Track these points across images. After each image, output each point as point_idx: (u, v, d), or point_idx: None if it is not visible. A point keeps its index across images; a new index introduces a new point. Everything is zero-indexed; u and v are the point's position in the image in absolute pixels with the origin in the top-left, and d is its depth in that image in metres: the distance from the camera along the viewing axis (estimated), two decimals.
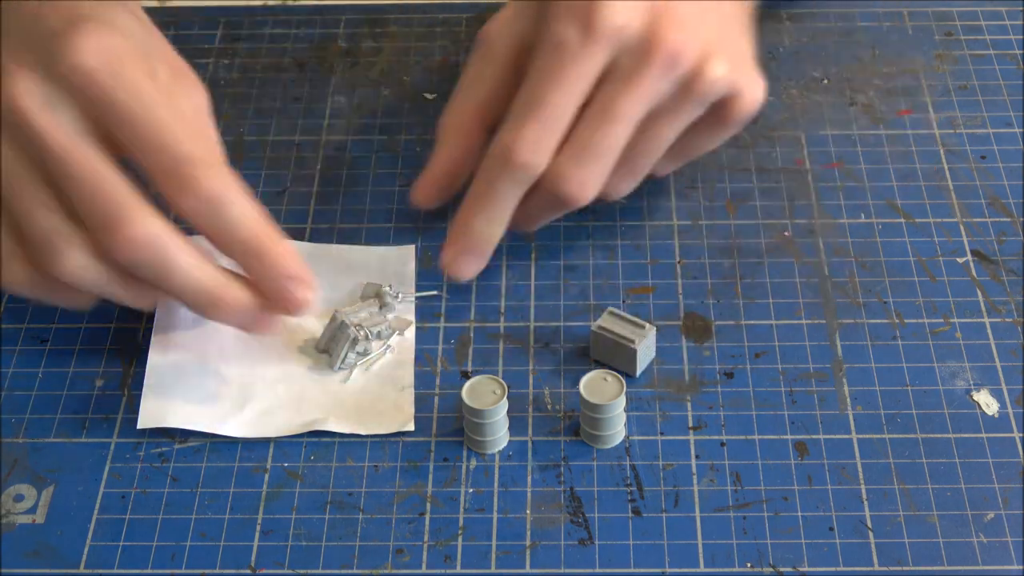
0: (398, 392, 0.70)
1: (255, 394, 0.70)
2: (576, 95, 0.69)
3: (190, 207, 0.65)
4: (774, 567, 0.63)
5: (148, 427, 0.69)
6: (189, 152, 0.65)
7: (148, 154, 0.65)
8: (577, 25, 0.68)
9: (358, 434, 0.69)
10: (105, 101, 0.65)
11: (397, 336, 0.72)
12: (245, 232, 0.66)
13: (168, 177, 0.65)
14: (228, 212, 0.65)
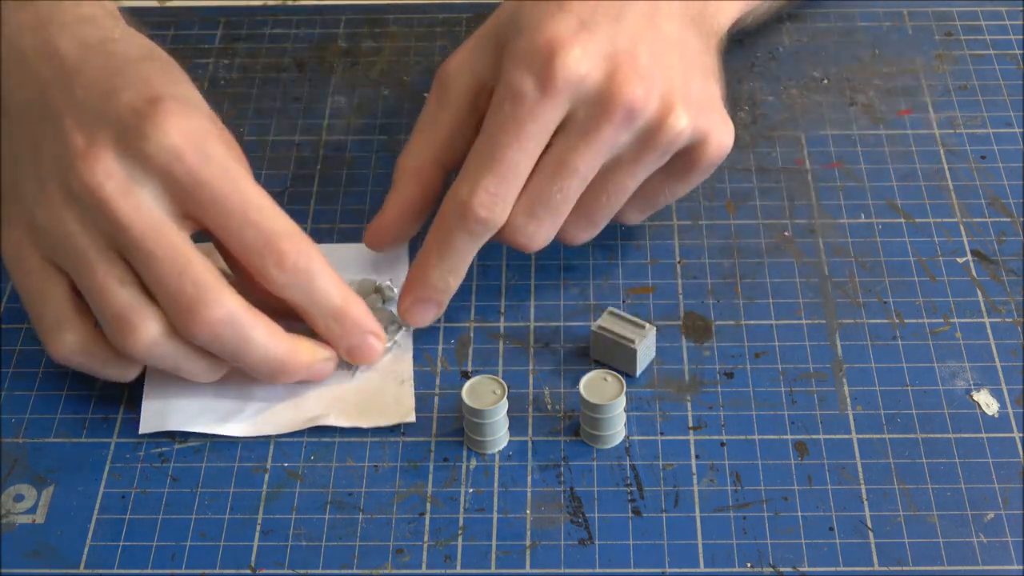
0: (398, 385, 0.70)
1: (254, 393, 0.70)
2: (533, 148, 0.68)
3: (282, 281, 0.66)
4: (774, 567, 0.63)
5: (150, 431, 0.69)
6: (278, 228, 0.66)
7: (237, 232, 0.66)
8: (535, 76, 0.67)
9: (359, 427, 0.69)
10: (194, 182, 0.65)
11: (403, 331, 0.73)
12: (331, 301, 0.67)
13: (260, 254, 0.66)
14: (315, 284, 0.67)
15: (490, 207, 0.68)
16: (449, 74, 0.72)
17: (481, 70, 0.71)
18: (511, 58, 0.68)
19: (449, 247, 0.69)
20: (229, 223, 0.66)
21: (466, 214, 0.68)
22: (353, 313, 0.68)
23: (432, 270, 0.70)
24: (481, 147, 0.68)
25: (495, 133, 0.68)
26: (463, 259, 0.70)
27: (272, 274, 0.66)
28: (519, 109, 0.67)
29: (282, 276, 0.66)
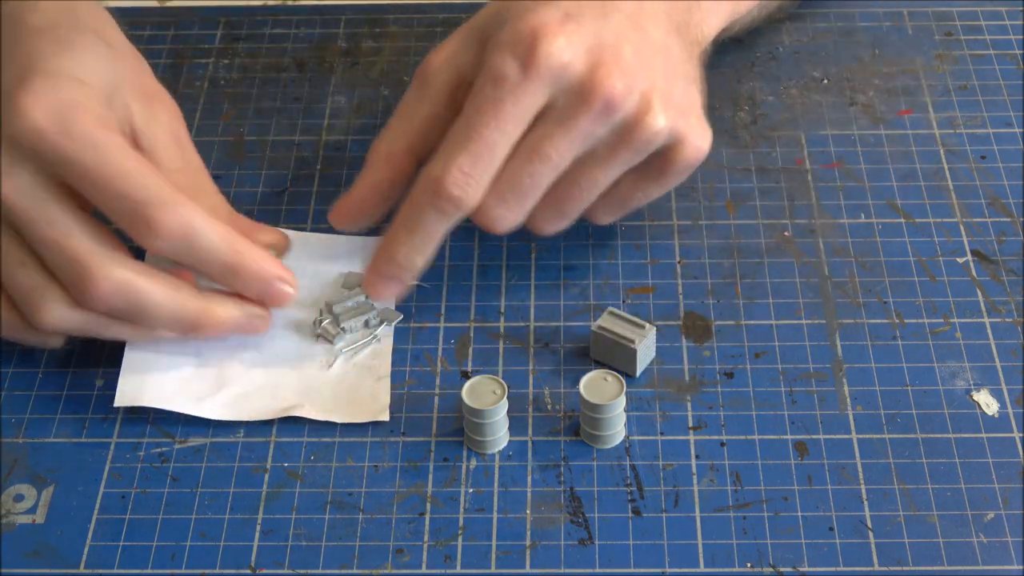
0: (374, 382, 0.70)
1: (232, 377, 0.70)
2: (511, 131, 0.68)
3: (160, 247, 0.67)
4: (774, 567, 0.63)
5: (124, 406, 0.69)
6: (146, 196, 0.66)
7: (108, 203, 0.66)
8: (518, 60, 0.67)
9: (333, 422, 0.69)
10: (59, 159, 0.66)
11: (385, 327, 0.73)
12: (218, 257, 0.68)
13: (132, 223, 0.66)
14: (197, 244, 0.67)
15: (462, 186, 0.68)
16: (431, 67, 0.73)
17: (462, 64, 0.72)
18: (494, 44, 0.69)
19: (418, 224, 0.69)
20: (98, 196, 0.66)
21: (438, 191, 0.68)
22: (247, 263, 0.69)
23: (399, 247, 0.70)
24: (458, 127, 0.69)
25: (473, 113, 0.68)
26: (431, 238, 0.70)
27: (149, 242, 0.66)
28: (499, 90, 0.67)
29: (159, 242, 0.66)
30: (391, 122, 0.73)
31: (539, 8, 0.69)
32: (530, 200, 0.70)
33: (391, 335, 0.73)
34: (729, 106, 0.85)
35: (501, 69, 0.67)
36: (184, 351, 0.71)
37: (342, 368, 0.71)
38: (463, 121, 0.68)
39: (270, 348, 0.72)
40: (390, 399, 0.70)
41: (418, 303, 0.75)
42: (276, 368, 0.71)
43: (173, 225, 0.66)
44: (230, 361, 0.71)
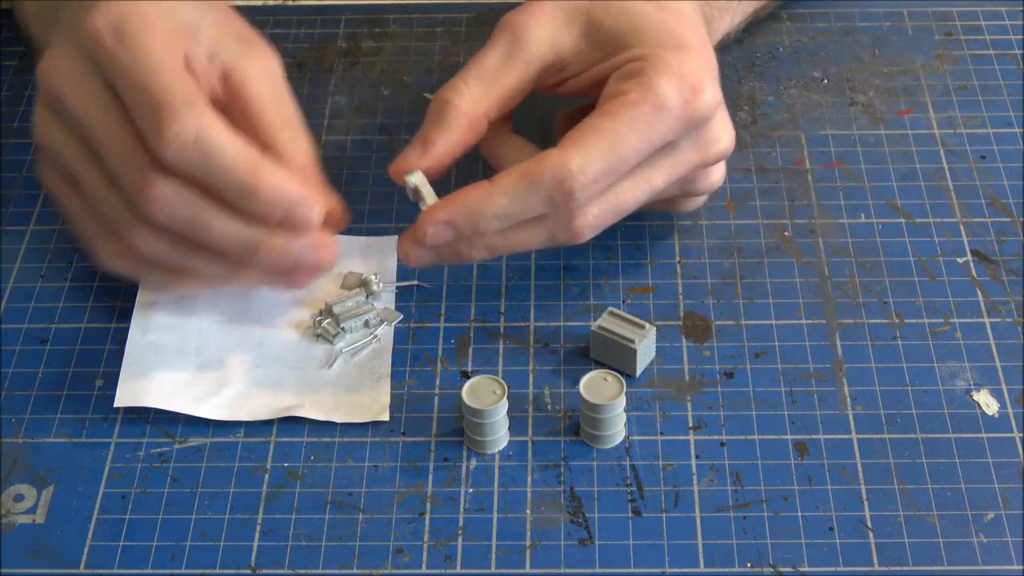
0: (374, 382, 0.71)
1: (233, 377, 0.70)
2: (646, 153, 0.69)
3: (172, 155, 0.64)
4: (774, 567, 0.63)
5: (125, 406, 0.69)
6: (164, 98, 0.64)
7: (134, 104, 0.65)
8: (683, 96, 0.68)
9: (333, 421, 0.69)
10: (106, 57, 0.66)
11: (385, 327, 0.73)
12: (235, 174, 0.64)
13: (147, 126, 0.64)
14: (211, 156, 0.64)
15: (587, 191, 0.67)
16: (526, 34, 0.71)
17: (564, 46, 0.72)
18: (663, 68, 0.69)
19: (523, 199, 0.67)
20: (128, 96, 0.65)
21: (563, 185, 0.67)
22: (267, 183, 0.65)
23: (489, 206, 0.67)
24: (605, 130, 0.68)
25: (627, 125, 0.68)
26: (520, 216, 0.68)
27: (159, 149, 0.64)
28: (659, 115, 0.68)
29: (168, 151, 0.64)
30: (471, 78, 0.71)
31: (689, 38, 0.71)
32: (621, 215, 0.71)
33: (391, 335, 0.73)
34: (729, 106, 0.84)
35: (666, 97, 0.68)
36: (185, 351, 0.71)
37: (342, 368, 0.71)
38: (612, 125, 0.68)
39: (270, 348, 0.72)
40: (390, 399, 0.70)
41: (418, 303, 0.75)
42: (276, 368, 0.71)
43: (185, 132, 0.63)
44: (230, 361, 0.71)
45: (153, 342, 0.72)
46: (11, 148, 0.84)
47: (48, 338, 0.74)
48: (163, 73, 0.65)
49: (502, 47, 0.72)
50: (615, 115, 0.68)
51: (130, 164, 0.65)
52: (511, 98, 0.72)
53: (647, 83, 0.68)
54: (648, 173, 0.70)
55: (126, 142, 0.66)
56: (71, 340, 0.73)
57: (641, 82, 0.68)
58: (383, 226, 0.78)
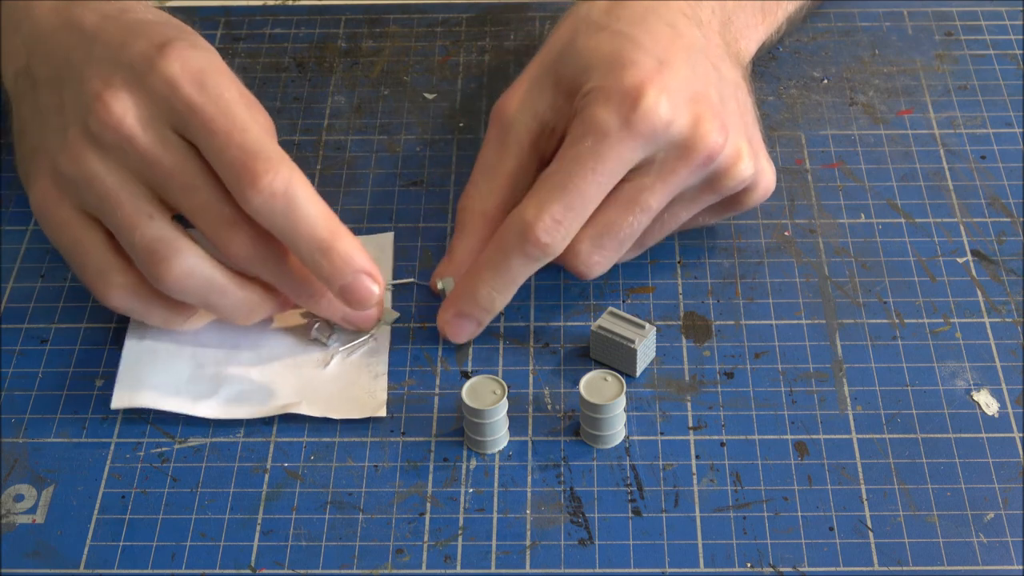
0: (372, 379, 0.71)
1: (229, 377, 0.71)
2: (607, 184, 0.69)
3: (259, 204, 0.65)
4: (774, 567, 0.63)
5: (122, 407, 0.69)
6: (260, 148, 0.65)
7: (221, 153, 0.65)
8: (621, 116, 0.68)
9: (333, 421, 0.69)
10: (187, 107, 0.66)
11: (381, 326, 0.73)
12: (314, 231, 0.66)
13: (239, 174, 0.65)
14: (296, 210, 0.65)
15: (553, 234, 0.68)
16: (509, 116, 0.73)
17: (542, 111, 0.72)
18: (595, 96, 0.69)
19: (504, 267, 0.69)
20: (213, 144, 0.65)
21: (528, 236, 0.68)
22: (342, 247, 0.66)
23: (482, 287, 0.70)
24: (553, 175, 0.69)
25: (571, 163, 0.68)
26: (515, 281, 0.70)
27: (247, 196, 0.65)
28: (601, 145, 0.68)
29: (257, 198, 0.65)
30: (477, 178, 0.73)
31: (634, 57, 0.70)
32: (626, 247, 0.71)
33: (388, 333, 0.73)
34: None
35: (603, 123, 0.68)
36: (181, 353, 0.71)
37: (339, 366, 0.71)
38: (559, 168, 0.68)
39: (267, 347, 0.72)
40: (389, 398, 0.70)
41: (418, 303, 0.75)
42: (273, 367, 0.71)
43: (277, 183, 0.64)
44: (227, 361, 0.71)
45: (150, 346, 0.72)
46: (11, 148, 0.84)
47: (48, 338, 0.74)
48: (250, 124, 0.66)
49: (494, 136, 0.73)
50: (561, 157, 0.69)
51: (211, 210, 0.66)
52: (516, 183, 0.73)
53: (585, 116, 0.69)
54: (635, 198, 0.69)
55: (206, 188, 0.66)
56: (71, 340, 0.73)
57: (581, 118, 0.69)
58: (383, 226, 0.79)
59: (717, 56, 0.74)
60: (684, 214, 0.73)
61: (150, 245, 0.66)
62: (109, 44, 0.69)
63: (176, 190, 0.66)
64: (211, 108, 0.66)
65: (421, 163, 0.82)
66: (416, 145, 0.84)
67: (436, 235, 0.78)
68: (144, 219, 0.66)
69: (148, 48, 0.67)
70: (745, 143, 0.71)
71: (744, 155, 0.70)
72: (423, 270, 0.76)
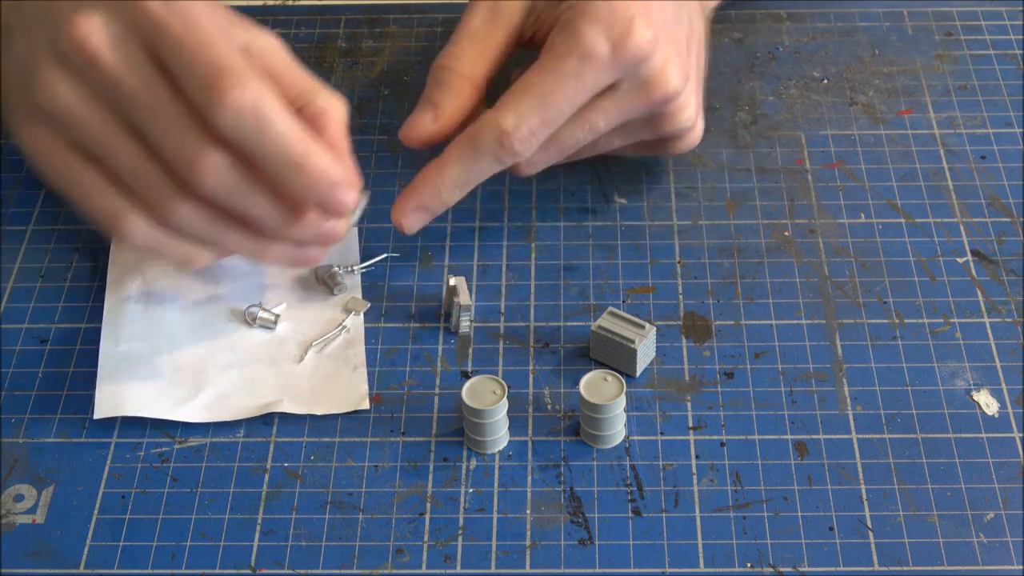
0: (351, 372, 0.71)
1: (209, 380, 0.71)
2: (581, 102, 0.71)
3: (227, 120, 0.63)
4: (774, 567, 0.63)
5: (105, 416, 0.69)
6: (226, 63, 0.63)
7: (187, 69, 0.63)
8: (611, 41, 0.70)
9: (314, 413, 0.69)
10: (154, 24, 0.64)
11: (353, 316, 0.73)
12: (285, 146, 0.64)
13: (205, 89, 0.63)
14: (266, 127, 0.63)
15: (527, 144, 0.71)
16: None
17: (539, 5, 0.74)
18: (587, 13, 0.70)
19: (474, 167, 0.72)
20: (180, 62, 0.63)
21: (503, 143, 0.70)
22: (314, 160, 0.64)
23: (447, 180, 0.72)
24: (534, 85, 0.71)
25: (555, 77, 0.70)
26: (477, 180, 0.72)
27: (215, 112, 0.62)
28: (586, 66, 0.70)
29: (225, 114, 0.62)
30: (462, 42, 0.75)
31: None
32: (564, 155, 0.74)
33: (361, 324, 0.73)
34: (729, 106, 0.85)
35: (592, 44, 0.70)
36: (158, 358, 0.71)
37: (315, 361, 0.71)
38: (541, 80, 0.70)
39: (243, 347, 0.72)
40: (389, 398, 0.70)
41: (418, 303, 0.75)
42: (251, 367, 0.71)
43: (245, 99, 0.62)
44: (204, 364, 0.71)
45: (125, 352, 0.71)
46: (11, 148, 0.84)
47: (48, 338, 0.74)
48: (219, 41, 0.64)
49: (484, 7, 0.75)
50: (544, 69, 0.71)
51: (179, 134, 0.64)
52: (502, 56, 0.75)
53: (573, 33, 0.70)
54: (589, 116, 0.72)
55: (173, 111, 0.64)
56: (71, 340, 0.73)
57: (568, 32, 0.71)
58: (383, 226, 0.78)
59: (690, 6, 0.76)
60: (618, 141, 0.75)
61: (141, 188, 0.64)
62: None
63: (143, 113, 0.64)
64: (177, 24, 0.64)
65: (421, 163, 0.82)
66: None
67: (436, 235, 0.78)
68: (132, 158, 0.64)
69: None
70: (694, 95, 0.74)
71: (690, 106, 0.74)
72: (423, 270, 0.76)
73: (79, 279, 0.76)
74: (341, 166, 0.66)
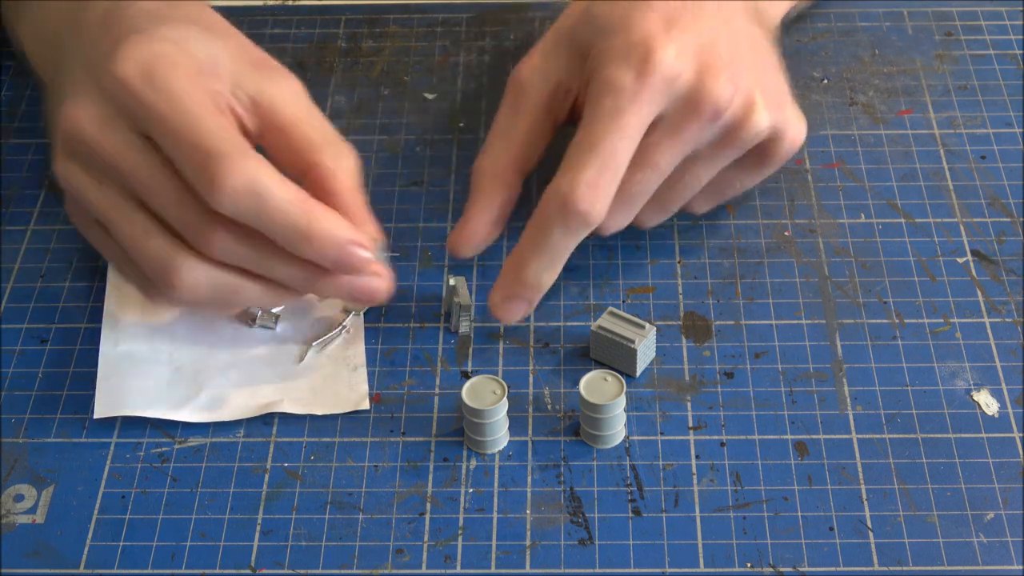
0: (351, 372, 0.71)
1: (209, 380, 0.71)
2: (630, 141, 0.68)
3: (225, 205, 0.63)
4: (774, 567, 0.63)
5: (104, 416, 0.69)
6: (214, 144, 0.63)
7: (178, 154, 0.64)
8: (633, 70, 0.68)
9: (314, 413, 0.69)
10: (138, 105, 0.64)
11: (352, 316, 0.73)
12: (289, 219, 0.64)
13: (198, 176, 0.63)
14: (265, 204, 0.63)
15: (591, 200, 0.67)
16: (524, 79, 0.73)
17: (557, 73, 0.72)
18: (606, 56, 0.69)
19: (546, 242, 0.69)
20: (170, 145, 0.64)
21: (566, 207, 0.68)
22: (320, 227, 0.64)
23: (528, 266, 0.69)
24: (580, 141, 0.68)
25: (594, 126, 0.68)
26: (560, 255, 0.70)
27: (213, 198, 0.63)
28: (619, 100, 0.68)
29: (224, 198, 0.63)
30: (490, 139, 0.73)
31: (644, 15, 0.70)
32: (637, 205, 0.71)
33: (361, 325, 0.73)
34: None
35: (618, 80, 0.68)
36: (158, 358, 0.71)
37: (315, 361, 0.71)
38: (584, 134, 0.68)
39: (243, 347, 0.72)
40: (389, 398, 0.70)
41: (418, 303, 0.75)
42: (251, 367, 0.71)
43: (239, 181, 0.62)
44: (205, 364, 0.71)
45: (126, 352, 0.71)
46: (11, 148, 0.84)
47: (48, 338, 0.74)
48: (204, 120, 0.64)
49: (509, 99, 0.73)
50: (586, 124, 0.69)
51: (181, 210, 0.64)
52: (530, 143, 0.73)
53: (597, 78, 0.69)
54: (647, 155, 0.69)
55: (173, 188, 0.64)
56: (71, 340, 0.73)
57: (595, 80, 0.69)
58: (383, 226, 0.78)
59: (731, 12, 0.73)
60: (704, 173, 0.72)
61: (151, 266, 0.65)
62: (86, 45, 0.68)
63: (146, 194, 0.65)
64: (162, 105, 0.64)
65: (421, 163, 0.82)
66: (416, 145, 0.84)
67: (436, 235, 0.78)
68: (139, 236, 0.65)
69: (108, 45, 0.66)
70: (759, 94, 0.70)
71: (758, 106, 0.70)
72: (423, 270, 0.76)
73: (79, 279, 0.76)
74: (348, 225, 0.66)
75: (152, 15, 0.69)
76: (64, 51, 0.71)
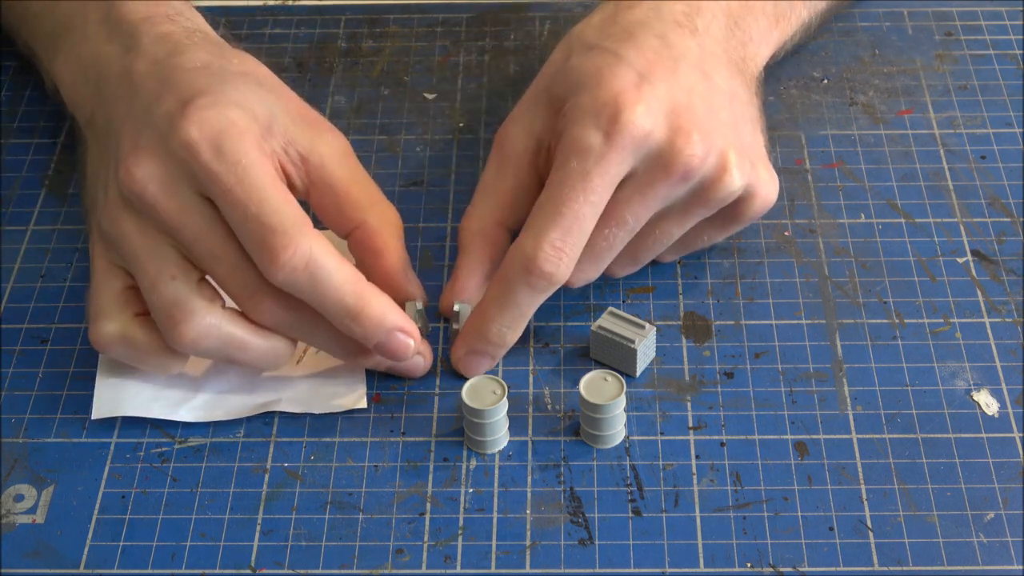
0: (348, 371, 0.71)
1: (207, 380, 0.71)
2: (598, 202, 0.68)
3: (282, 279, 0.64)
4: (774, 567, 0.63)
5: (102, 417, 0.69)
6: (277, 221, 0.64)
7: (240, 227, 0.65)
8: (601, 130, 0.67)
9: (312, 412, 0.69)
10: (206, 175, 0.65)
11: None
12: (341, 298, 0.65)
13: (258, 250, 0.64)
14: (320, 281, 0.64)
15: (555, 262, 0.67)
16: (506, 137, 0.73)
17: (537, 130, 0.72)
18: (575, 114, 0.69)
19: (510, 301, 0.69)
20: (233, 217, 0.65)
21: (530, 268, 0.67)
22: (371, 311, 0.66)
23: (491, 323, 0.69)
24: (545, 201, 0.68)
25: (560, 187, 0.68)
26: (523, 314, 0.69)
27: (269, 272, 0.64)
28: (585, 163, 0.67)
29: (280, 274, 0.64)
30: (476, 197, 0.73)
31: (614, 72, 0.69)
32: (605, 261, 0.71)
33: None
34: None
35: (585, 140, 0.68)
36: None
37: (313, 360, 0.71)
38: (550, 194, 0.68)
39: None
40: (389, 398, 0.70)
41: None
42: None
43: (297, 258, 0.64)
44: (203, 363, 0.71)
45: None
46: (11, 148, 0.84)
47: (48, 338, 0.74)
48: (269, 194, 0.64)
49: (494, 156, 0.74)
50: (551, 183, 0.68)
51: (237, 276, 0.66)
52: (514, 201, 0.72)
53: (567, 137, 0.69)
54: (615, 213, 0.69)
55: (229, 254, 0.65)
56: (71, 340, 0.73)
57: (564, 138, 0.69)
58: None
59: (712, 66, 0.73)
60: (676, 229, 0.72)
61: (165, 308, 0.66)
62: (145, 98, 0.68)
63: (202, 257, 0.66)
64: (228, 177, 0.64)
65: (421, 163, 0.82)
66: (416, 145, 0.84)
67: (436, 235, 0.78)
68: (164, 280, 0.66)
69: (173, 106, 0.66)
70: (734, 153, 0.69)
71: (731, 166, 0.69)
72: (423, 270, 0.76)
73: (79, 279, 0.76)
74: (398, 311, 0.67)
75: (211, 72, 0.69)
76: (113, 98, 0.70)
